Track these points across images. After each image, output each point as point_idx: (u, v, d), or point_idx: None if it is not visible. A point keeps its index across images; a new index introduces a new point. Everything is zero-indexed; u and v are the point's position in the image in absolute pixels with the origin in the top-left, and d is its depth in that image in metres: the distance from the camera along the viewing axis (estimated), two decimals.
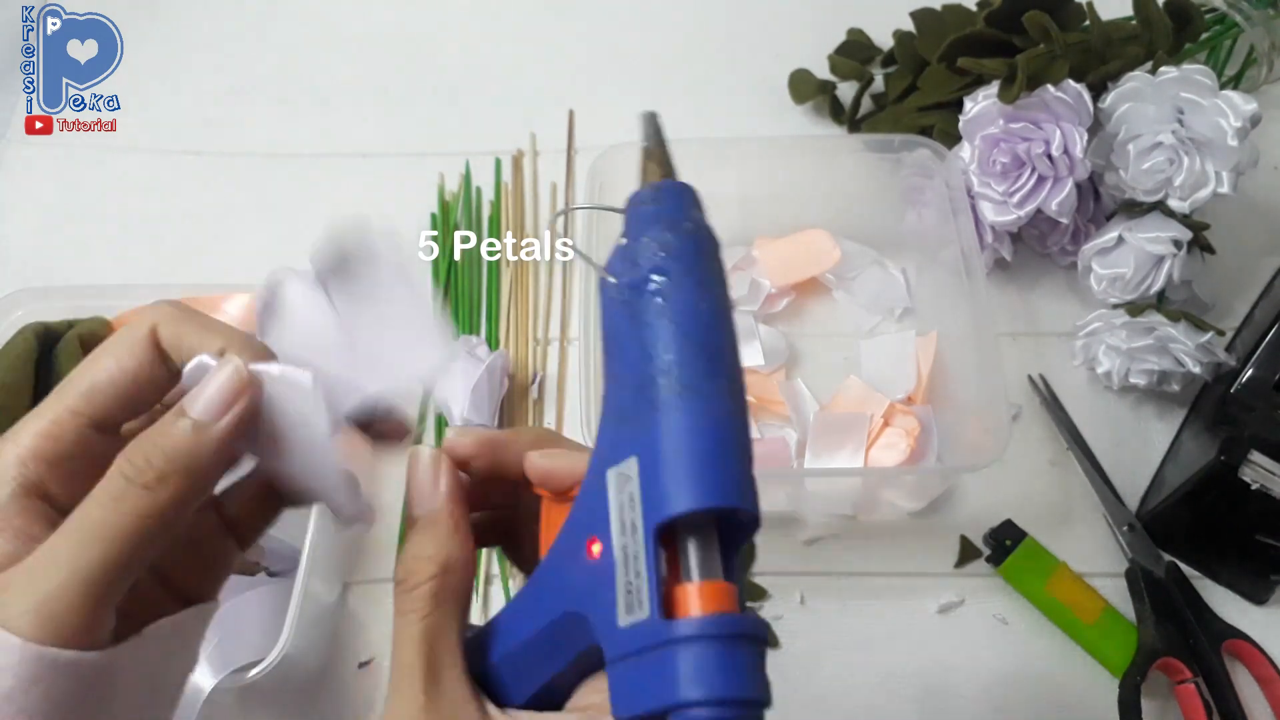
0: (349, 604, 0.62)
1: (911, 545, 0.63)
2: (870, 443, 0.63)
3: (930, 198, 0.67)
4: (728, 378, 0.27)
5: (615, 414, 0.27)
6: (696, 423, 0.25)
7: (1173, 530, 0.61)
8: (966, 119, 0.66)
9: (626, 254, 0.28)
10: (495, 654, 0.30)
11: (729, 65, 0.85)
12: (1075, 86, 0.62)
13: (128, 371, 0.29)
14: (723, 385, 0.26)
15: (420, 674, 0.28)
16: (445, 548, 0.30)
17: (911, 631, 0.60)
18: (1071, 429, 0.66)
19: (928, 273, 0.71)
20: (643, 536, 0.25)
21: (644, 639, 0.25)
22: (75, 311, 0.63)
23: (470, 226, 0.76)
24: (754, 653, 0.25)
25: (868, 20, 0.82)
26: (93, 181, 0.81)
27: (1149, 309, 0.63)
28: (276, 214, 0.79)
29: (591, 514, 0.27)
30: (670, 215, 0.28)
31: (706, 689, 0.23)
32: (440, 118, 0.83)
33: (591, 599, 0.26)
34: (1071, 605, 0.59)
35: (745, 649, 0.24)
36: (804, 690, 0.58)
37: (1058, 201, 0.64)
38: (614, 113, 0.84)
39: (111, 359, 0.30)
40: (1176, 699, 0.57)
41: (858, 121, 0.80)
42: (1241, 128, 0.59)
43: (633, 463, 0.26)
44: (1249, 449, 0.55)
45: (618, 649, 0.25)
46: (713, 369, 0.26)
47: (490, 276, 0.74)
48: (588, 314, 0.59)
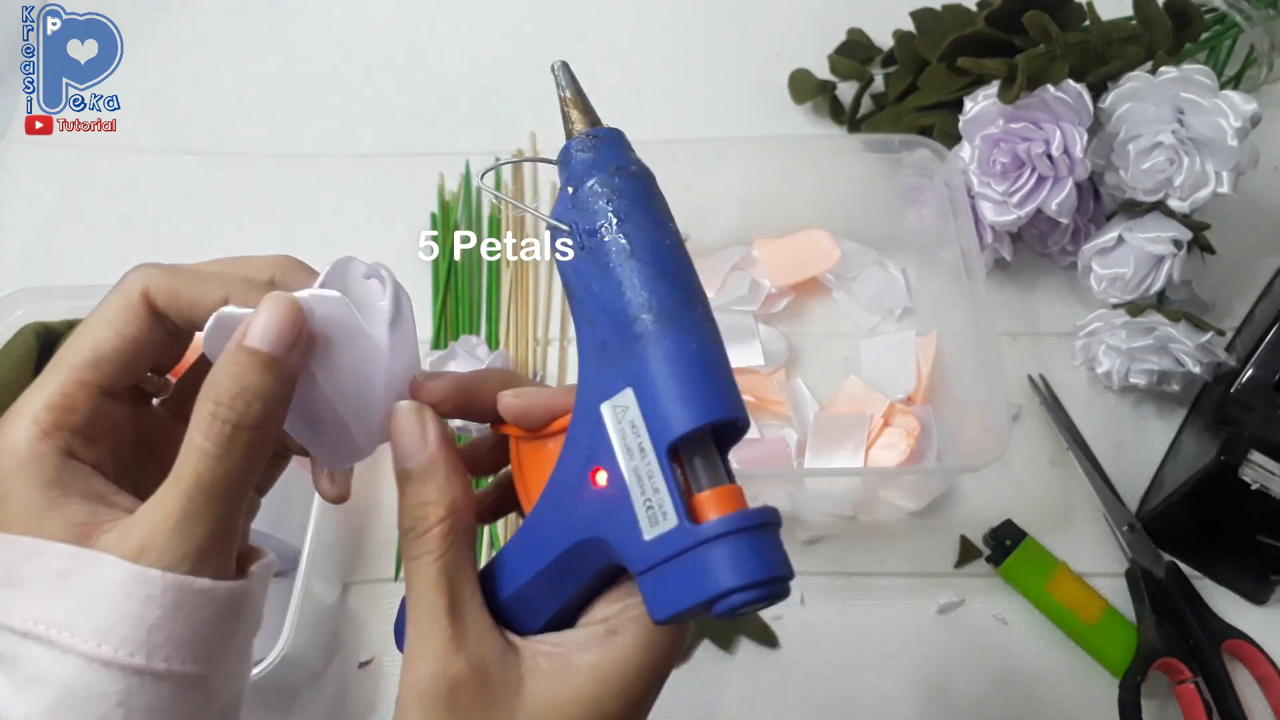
0: (349, 604, 0.62)
1: (911, 545, 0.63)
2: (870, 443, 0.63)
3: (930, 198, 0.67)
4: (701, 304, 0.29)
5: (595, 353, 0.29)
6: (685, 348, 0.28)
7: (1173, 530, 0.61)
8: (966, 119, 0.66)
9: (574, 202, 0.30)
10: (504, 589, 0.31)
11: (729, 65, 0.85)
12: (1075, 86, 0.62)
13: (128, 339, 0.31)
14: (699, 311, 0.29)
15: (444, 609, 0.30)
16: (449, 491, 0.31)
17: (911, 631, 0.60)
18: (1071, 429, 0.66)
19: (928, 273, 0.71)
20: (654, 456, 0.27)
21: (674, 545, 0.27)
22: (75, 311, 0.63)
23: (470, 226, 0.76)
24: (774, 537, 0.28)
25: (868, 20, 0.82)
26: (93, 181, 0.81)
27: (1149, 309, 0.63)
28: (276, 214, 0.79)
29: (589, 447, 0.29)
30: (614, 160, 0.30)
31: (745, 574, 0.26)
32: (440, 118, 0.83)
33: (608, 522, 0.28)
34: (1071, 605, 0.59)
35: (767, 535, 0.27)
36: (804, 690, 0.58)
37: (1058, 201, 0.64)
38: (614, 113, 0.84)
39: (110, 329, 0.31)
40: (1176, 699, 0.57)
41: (858, 121, 0.80)
42: (1241, 128, 0.59)
43: (628, 393, 0.28)
44: (1249, 449, 0.55)
45: (646, 560, 0.27)
46: (687, 298, 0.29)
47: (490, 276, 0.74)
48: None
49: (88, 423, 0.30)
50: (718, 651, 0.60)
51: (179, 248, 0.77)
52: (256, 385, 0.29)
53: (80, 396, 0.30)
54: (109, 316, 0.31)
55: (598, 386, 0.29)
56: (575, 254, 0.30)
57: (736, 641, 0.60)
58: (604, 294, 0.29)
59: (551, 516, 0.31)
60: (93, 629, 0.27)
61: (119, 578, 0.27)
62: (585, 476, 0.29)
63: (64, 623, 0.27)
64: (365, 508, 0.65)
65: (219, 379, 0.29)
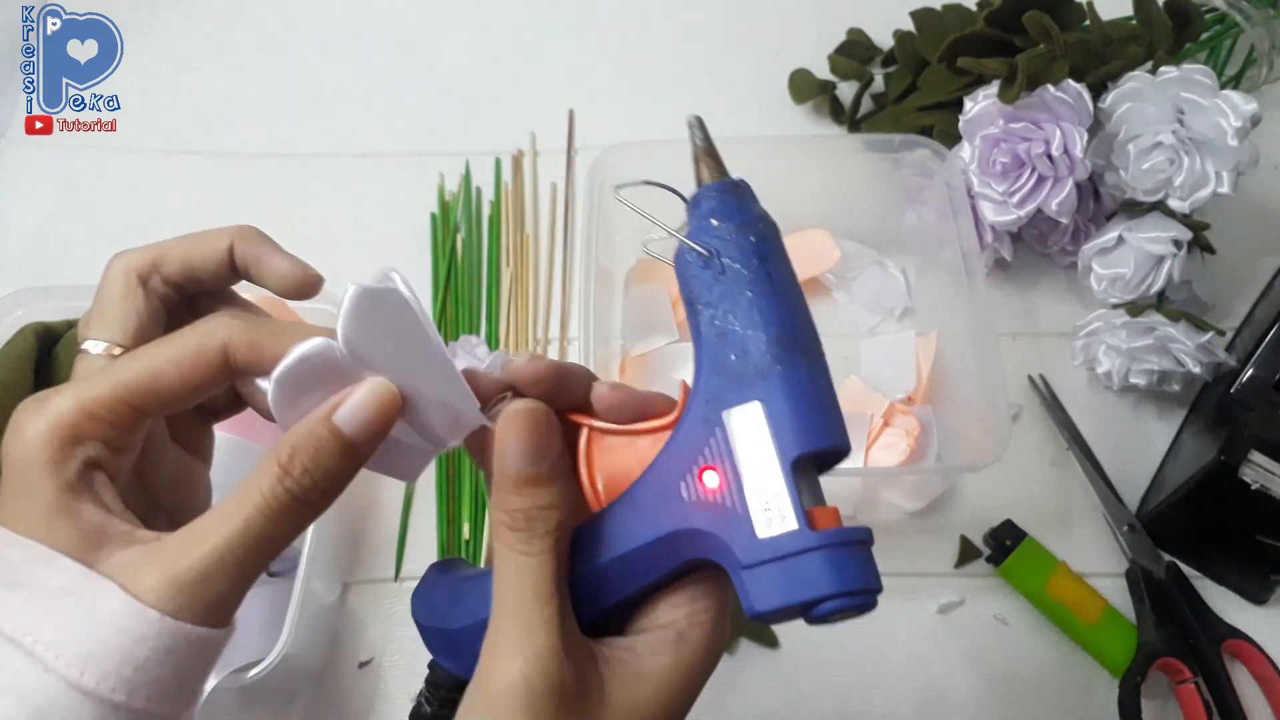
0: (349, 604, 0.62)
1: (911, 545, 0.63)
2: (870, 443, 0.63)
3: (930, 198, 0.67)
4: (819, 343, 0.33)
5: (719, 366, 0.32)
6: (813, 378, 0.31)
7: (1173, 530, 0.61)
8: (966, 119, 0.66)
9: (718, 233, 0.33)
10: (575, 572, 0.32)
11: (729, 65, 0.85)
12: (1075, 86, 0.62)
13: (191, 385, 0.30)
14: (819, 349, 0.32)
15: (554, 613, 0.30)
16: (566, 500, 0.31)
17: (911, 631, 0.60)
18: (1071, 429, 0.66)
19: (928, 273, 0.71)
20: (778, 465, 0.30)
21: (787, 546, 0.29)
22: (75, 311, 0.63)
23: (470, 227, 0.76)
24: (870, 554, 0.30)
25: (868, 20, 0.82)
26: (93, 181, 0.81)
27: (1149, 309, 0.63)
28: (276, 214, 0.79)
29: (699, 447, 0.31)
30: (756, 208, 0.34)
31: (848, 582, 0.29)
32: (440, 118, 0.83)
33: (714, 517, 0.31)
34: (1071, 605, 0.59)
35: (866, 552, 0.30)
36: (804, 690, 0.58)
37: (1058, 201, 0.64)
38: (614, 113, 0.85)
39: (176, 369, 0.30)
40: (1176, 699, 0.57)
41: (858, 121, 0.80)
42: (1241, 128, 0.59)
43: (756, 406, 0.31)
44: (1249, 449, 0.55)
45: (755, 556, 0.30)
46: (813, 336, 0.32)
47: (490, 276, 0.74)
48: (588, 314, 0.59)
49: (120, 439, 0.30)
50: None
51: None
52: (329, 466, 0.29)
53: (123, 415, 0.30)
54: (179, 357, 0.30)
55: (720, 396, 0.32)
56: (714, 276, 0.33)
57: (737, 641, 0.60)
58: (740, 317, 0.32)
59: (643, 507, 0.32)
60: (79, 655, 0.27)
61: (117, 609, 0.27)
62: (693, 473, 0.31)
63: (52, 640, 0.27)
64: (365, 507, 0.65)
65: (296, 445, 0.29)
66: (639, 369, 0.68)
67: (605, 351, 0.68)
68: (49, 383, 0.55)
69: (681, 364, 0.68)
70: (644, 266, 0.72)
